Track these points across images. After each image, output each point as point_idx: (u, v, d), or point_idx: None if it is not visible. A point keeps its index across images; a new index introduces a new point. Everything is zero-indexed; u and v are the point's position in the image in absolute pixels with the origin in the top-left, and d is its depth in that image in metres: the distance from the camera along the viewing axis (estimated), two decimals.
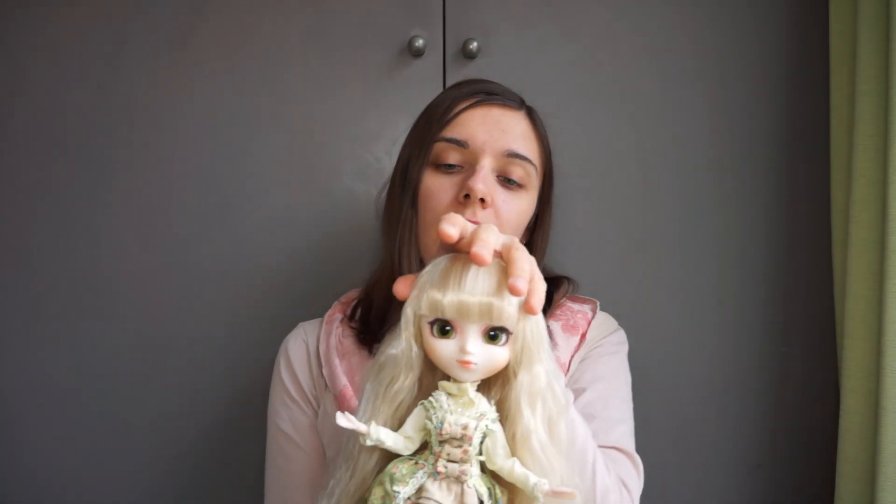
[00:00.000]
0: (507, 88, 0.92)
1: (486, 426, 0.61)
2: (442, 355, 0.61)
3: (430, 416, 0.61)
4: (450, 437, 0.60)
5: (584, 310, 0.96)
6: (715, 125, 1.14)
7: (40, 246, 1.11)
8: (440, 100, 0.90)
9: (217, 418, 1.12)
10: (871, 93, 1.00)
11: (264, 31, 1.13)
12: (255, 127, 1.12)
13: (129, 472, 1.12)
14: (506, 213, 0.86)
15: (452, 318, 0.60)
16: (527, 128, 0.89)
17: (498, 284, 0.60)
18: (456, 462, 0.60)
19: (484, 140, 0.85)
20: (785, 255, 1.14)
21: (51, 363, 1.11)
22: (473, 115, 0.86)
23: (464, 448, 0.60)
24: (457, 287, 0.59)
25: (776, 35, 1.14)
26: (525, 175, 0.87)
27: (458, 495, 0.60)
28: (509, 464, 0.60)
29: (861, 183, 1.01)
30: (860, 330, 1.01)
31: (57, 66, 1.11)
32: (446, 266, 0.61)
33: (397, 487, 0.59)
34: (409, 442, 0.62)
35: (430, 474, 0.60)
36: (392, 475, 0.61)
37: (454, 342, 0.60)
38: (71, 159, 1.11)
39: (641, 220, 1.14)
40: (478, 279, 0.60)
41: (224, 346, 1.12)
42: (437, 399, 0.61)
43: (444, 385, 0.62)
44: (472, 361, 0.60)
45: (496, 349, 0.60)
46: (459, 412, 0.61)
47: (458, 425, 0.60)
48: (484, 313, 0.59)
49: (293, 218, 1.12)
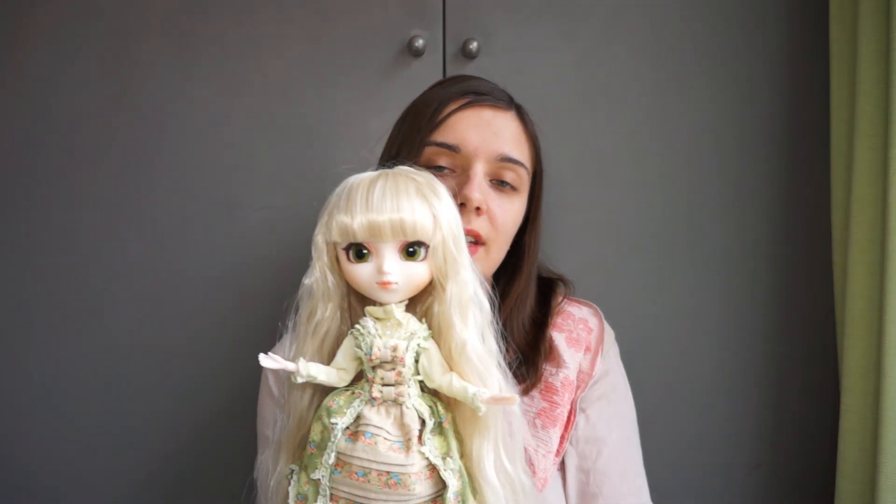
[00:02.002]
0: (495, 85, 0.90)
1: (419, 345, 0.60)
2: (361, 279, 0.60)
3: (359, 344, 0.60)
4: (381, 360, 0.59)
5: (585, 316, 0.95)
6: (714, 125, 1.14)
7: (39, 245, 1.11)
8: (427, 99, 0.89)
9: (217, 418, 1.12)
10: (871, 93, 1.00)
11: (264, 32, 1.13)
12: (254, 127, 1.12)
13: (127, 470, 1.12)
14: (500, 218, 0.85)
15: (365, 239, 0.58)
16: (517, 129, 0.88)
17: (406, 198, 0.58)
18: (391, 385, 0.59)
19: (476, 144, 0.84)
20: (785, 255, 1.14)
21: (50, 362, 1.11)
22: (464, 116, 0.85)
23: (397, 370, 0.59)
24: (364, 207, 0.58)
25: (776, 35, 1.14)
26: (517, 178, 0.87)
27: (398, 417, 0.59)
28: (447, 379, 0.60)
29: (861, 183, 1.01)
30: (860, 330, 1.01)
31: (57, 67, 1.11)
32: (352, 186, 0.60)
33: (335, 419, 0.59)
34: (343, 373, 0.61)
35: (366, 401, 0.59)
36: (329, 408, 0.60)
37: (371, 264, 0.59)
38: (71, 159, 1.11)
39: (641, 220, 1.14)
40: (385, 195, 0.58)
41: (224, 345, 1.11)
42: (364, 325, 0.60)
43: (370, 310, 0.61)
44: (391, 281, 0.58)
45: (415, 265, 0.59)
46: (388, 335, 0.60)
47: (388, 348, 0.59)
48: (396, 229, 0.58)
49: (293, 218, 1.12)
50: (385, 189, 0.58)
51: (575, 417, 0.88)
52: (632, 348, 0.99)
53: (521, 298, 0.91)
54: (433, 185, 0.62)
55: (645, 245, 1.14)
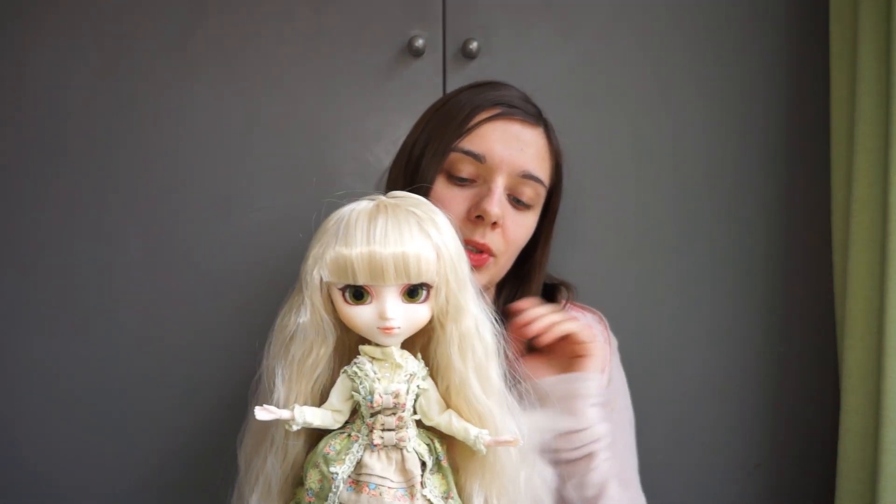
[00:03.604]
0: (527, 97, 0.90)
1: (418, 386, 0.57)
2: (360, 322, 0.56)
3: (356, 388, 0.57)
4: (382, 407, 0.56)
5: (589, 322, 0.95)
6: (715, 125, 1.14)
7: (37, 245, 1.11)
8: (459, 103, 0.87)
9: (216, 418, 1.12)
10: (871, 93, 1.00)
11: (264, 32, 1.12)
12: (255, 127, 1.12)
13: (127, 470, 1.12)
14: (513, 234, 0.85)
15: (366, 282, 0.54)
16: (543, 146, 0.88)
17: (409, 236, 0.55)
18: (392, 430, 0.56)
19: (502, 158, 0.84)
20: (785, 256, 1.14)
21: (51, 360, 1.10)
22: (494, 127, 0.84)
23: (398, 415, 0.56)
24: (365, 245, 0.54)
25: (776, 35, 1.14)
26: (535, 196, 0.87)
27: (399, 462, 0.56)
28: (446, 418, 0.58)
29: (861, 183, 1.01)
30: (860, 330, 1.01)
31: (58, 67, 1.11)
32: (349, 220, 0.56)
33: (334, 469, 0.55)
34: (337, 415, 0.58)
35: (366, 446, 0.56)
36: (326, 456, 0.57)
37: (371, 307, 0.56)
38: (71, 159, 1.11)
39: (641, 220, 1.14)
40: (388, 234, 0.54)
41: (224, 345, 1.11)
42: (360, 367, 0.57)
43: (367, 350, 0.58)
44: (393, 327, 0.55)
45: (417, 307, 0.56)
46: (388, 378, 0.56)
47: (389, 394, 0.56)
48: (400, 273, 0.54)
49: (293, 218, 1.12)
50: (387, 226, 0.55)
51: None
52: (632, 348, 0.99)
53: None
54: (434, 218, 0.58)
55: (645, 245, 1.14)
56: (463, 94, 0.90)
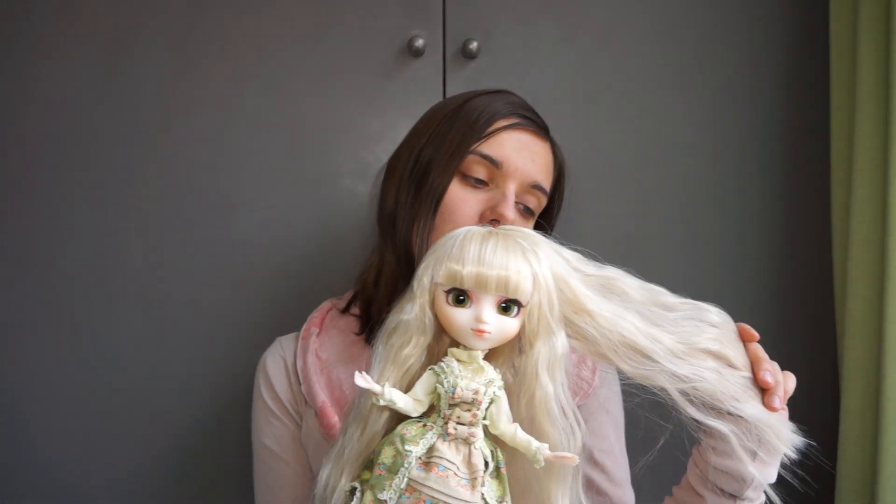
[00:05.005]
0: (535, 111, 0.91)
1: (494, 392, 0.63)
2: (457, 323, 0.63)
3: (440, 381, 0.63)
4: (461, 400, 0.62)
5: None
6: (714, 126, 1.14)
7: (37, 245, 1.11)
8: (476, 107, 0.88)
9: (216, 417, 1.12)
10: (871, 93, 1.00)
11: (264, 32, 1.13)
12: (255, 127, 1.12)
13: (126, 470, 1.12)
14: None
15: (470, 288, 0.62)
16: (550, 160, 0.91)
17: (514, 259, 0.62)
18: (465, 425, 0.62)
19: (517, 166, 0.86)
20: (785, 256, 1.14)
21: (49, 361, 1.11)
22: (512, 136, 0.87)
23: (473, 412, 0.62)
24: (476, 260, 0.62)
25: (776, 35, 1.14)
26: (538, 205, 0.90)
27: (466, 456, 0.62)
28: (511, 429, 0.63)
29: (861, 183, 1.01)
30: (860, 330, 1.01)
31: (59, 67, 1.11)
32: (464, 238, 0.64)
33: (409, 447, 0.62)
34: (418, 405, 0.64)
35: (439, 435, 0.63)
36: (402, 436, 0.63)
37: (469, 311, 0.63)
38: (71, 159, 1.11)
39: (641, 220, 1.14)
40: (496, 253, 0.62)
41: (224, 345, 1.12)
42: (448, 365, 0.64)
43: (455, 352, 0.64)
44: (486, 331, 0.62)
45: (508, 320, 0.63)
46: (469, 377, 0.63)
47: (470, 390, 0.62)
48: (500, 286, 0.61)
49: (293, 218, 1.12)
50: (497, 247, 0.62)
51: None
52: None
53: None
54: (536, 249, 0.65)
55: (644, 245, 1.14)
56: (478, 99, 0.90)
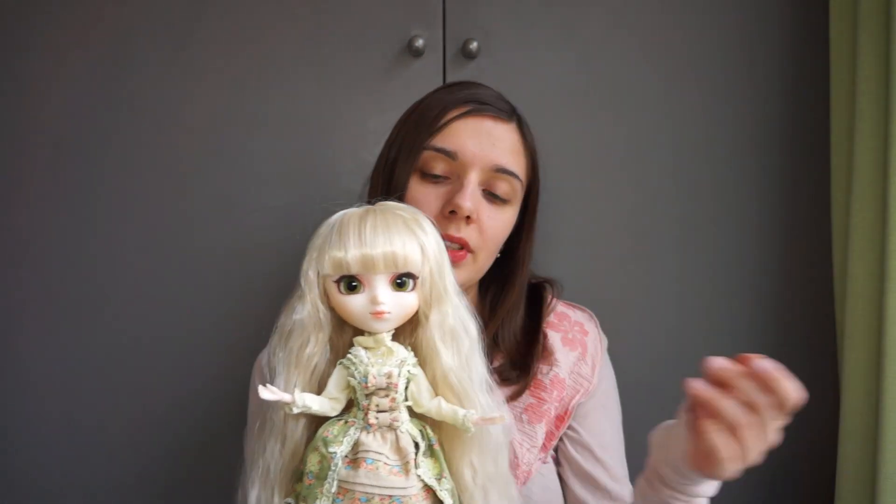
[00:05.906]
0: (499, 95, 0.91)
1: (409, 371, 0.62)
2: (354, 310, 0.62)
3: (352, 374, 0.62)
4: (376, 388, 0.61)
5: (580, 320, 0.96)
6: (714, 125, 1.14)
7: (36, 245, 1.11)
8: (431, 103, 0.89)
9: (215, 417, 1.12)
10: (871, 93, 1.00)
11: (264, 31, 1.13)
12: (255, 127, 1.12)
13: (125, 470, 1.12)
14: (490, 229, 0.86)
15: (359, 272, 0.61)
16: (516, 141, 0.89)
17: (397, 232, 0.61)
18: (386, 411, 0.61)
19: (474, 153, 0.85)
20: (785, 256, 1.14)
21: (48, 361, 1.11)
22: (465, 125, 0.86)
23: (391, 396, 0.61)
24: (357, 242, 0.60)
25: (776, 35, 1.14)
26: (510, 190, 0.87)
27: (394, 442, 0.61)
28: (435, 403, 0.63)
29: (861, 183, 1.01)
30: (860, 330, 1.01)
31: (58, 67, 1.11)
32: (342, 223, 0.63)
33: (332, 448, 0.60)
34: (335, 402, 0.63)
35: (362, 428, 0.61)
36: (325, 438, 0.62)
37: (364, 296, 0.61)
38: (69, 158, 1.11)
39: (640, 220, 1.14)
40: (377, 230, 0.61)
41: (223, 344, 1.12)
42: (355, 355, 0.63)
43: (360, 340, 0.63)
44: (385, 311, 0.61)
45: (405, 295, 0.62)
46: (381, 363, 0.62)
47: (382, 375, 0.61)
48: (389, 263, 0.60)
49: (293, 218, 1.12)
50: (376, 224, 0.61)
51: (569, 419, 0.90)
52: (631, 348, 0.99)
53: (513, 310, 0.93)
54: (419, 219, 0.64)
55: (643, 245, 1.14)
56: (434, 95, 0.91)
